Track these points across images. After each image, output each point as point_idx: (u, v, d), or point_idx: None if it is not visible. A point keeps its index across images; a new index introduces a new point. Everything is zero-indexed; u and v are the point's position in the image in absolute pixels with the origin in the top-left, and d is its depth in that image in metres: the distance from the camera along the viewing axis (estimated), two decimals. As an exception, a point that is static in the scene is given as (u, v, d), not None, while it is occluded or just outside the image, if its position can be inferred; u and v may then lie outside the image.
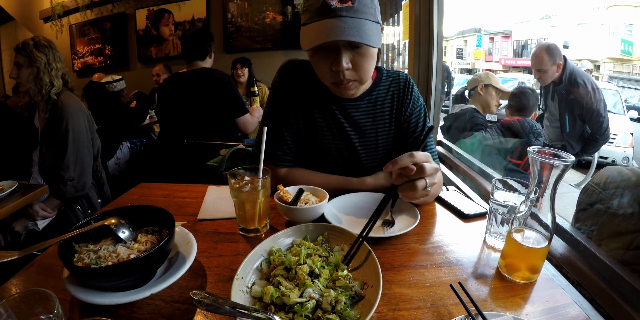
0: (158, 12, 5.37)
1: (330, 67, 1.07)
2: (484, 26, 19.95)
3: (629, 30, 5.93)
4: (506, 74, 13.41)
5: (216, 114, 2.34)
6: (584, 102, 2.67)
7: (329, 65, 1.07)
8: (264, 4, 5.03)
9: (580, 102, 2.68)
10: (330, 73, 1.09)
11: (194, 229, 1.02)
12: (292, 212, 1.02)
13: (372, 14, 1.05)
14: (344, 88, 1.13)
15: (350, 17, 1.00)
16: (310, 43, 1.02)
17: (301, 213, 1.01)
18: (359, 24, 1.00)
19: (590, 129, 2.78)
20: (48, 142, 2.06)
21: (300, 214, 1.01)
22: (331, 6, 1.00)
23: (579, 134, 2.81)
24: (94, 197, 2.23)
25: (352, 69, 1.07)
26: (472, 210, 1.13)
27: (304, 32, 1.07)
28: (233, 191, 0.94)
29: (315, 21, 1.02)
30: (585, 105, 2.67)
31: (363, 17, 1.02)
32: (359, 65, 1.07)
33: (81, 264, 0.72)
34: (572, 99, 2.72)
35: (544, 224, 0.78)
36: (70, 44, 5.89)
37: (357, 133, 1.28)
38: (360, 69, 1.08)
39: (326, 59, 1.07)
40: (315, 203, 1.03)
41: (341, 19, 0.99)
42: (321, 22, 1.01)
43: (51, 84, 2.03)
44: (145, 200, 1.25)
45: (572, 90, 2.71)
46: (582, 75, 2.70)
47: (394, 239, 0.97)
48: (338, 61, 1.04)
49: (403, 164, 0.83)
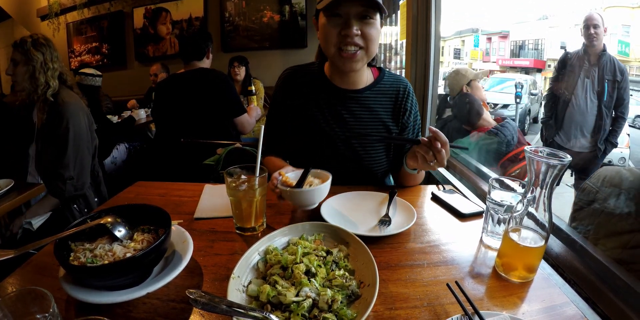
0: (155, 11, 5.36)
1: (340, 31, 1.14)
2: (481, 26, 19.95)
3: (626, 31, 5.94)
4: (503, 74, 13.41)
5: (214, 114, 2.33)
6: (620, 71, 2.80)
7: (337, 30, 1.14)
8: (262, 3, 5.03)
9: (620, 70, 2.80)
10: (338, 37, 1.15)
11: (190, 227, 1.01)
12: (298, 196, 1.01)
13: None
14: (349, 58, 1.18)
15: None
16: (322, 3, 1.12)
17: (307, 195, 1.01)
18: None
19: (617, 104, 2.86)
20: (46, 139, 2.03)
21: (306, 196, 1.01)
22: None
23: (611, 106, 2.87)
24: (91, 196, 2.21)
25: (360, 36, 1.14)
26: (469, 209, 1.13)
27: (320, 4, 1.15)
28: (229, 190, 0.94)
29: None
30: (622, 73, 2.79)
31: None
32: (367, 33, 1.14)
33: (77, 262, 0.72)
34: (614, 66, 2.81)
35: (540, 224, 0.78)
36: (67, 42, 5.86)
37: (354, 123, 1.33)
38: (368, 38, 1.15)
39: (336, 25, 1.14)
40: (318, 184, 1.04)
41: None
42: None
43: (47, 84, 1.99)
44: (142, 199, 1.25)
45: (613, 59, 2.82)
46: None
47: (391, 237, 0.97)
48: (348, 25, 1.12)
49: (441, 134, 1.03)
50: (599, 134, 2.92)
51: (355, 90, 1.33)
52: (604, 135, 2.93)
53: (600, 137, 2.92)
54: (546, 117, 3.23)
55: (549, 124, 3.19)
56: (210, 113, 2.31)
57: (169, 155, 2.34)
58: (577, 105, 2.94)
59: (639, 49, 5.20)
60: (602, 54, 2.81)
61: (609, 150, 3.00)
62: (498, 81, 7.74)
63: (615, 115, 2.88)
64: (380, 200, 1.18)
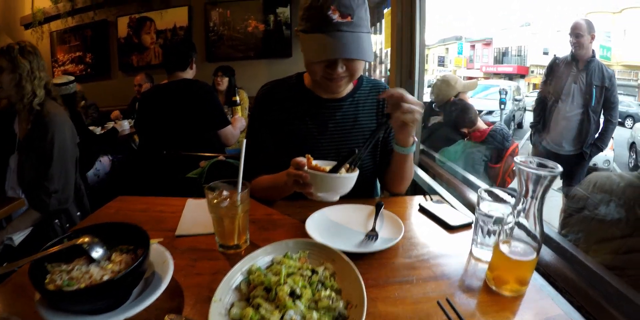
0: (140, 20, 5.32)
1: (325, 68, 1.15)
2: (465, 34, 20.32)
3: (607, 36, 6.10)
4: (487, 81, 13.62)
5: (197, 126, 2.29)
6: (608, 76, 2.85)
7: (322, 66, 1.15)
8: (246, 12, 5.02)
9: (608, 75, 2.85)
10: (324, 72, 1.16)
11: (172, 245, 0.98)
12: (334, 182, 0.99)
13: (366, 26, 1.14)
14: (335, 82, 1.19)
15: (349, 32, 1.08)
16: (312, 56, 1.12)
17: (343, 182, 0.99)
18: (357, 39, 1.09)
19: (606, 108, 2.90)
20: (30, 150, 1.97)
21: (342, 183, 0.99)
22: (332, 21, 1.06)
23: (599, 110, 2.92)
24: (73, 210, 2.16)
25: (345, 70, 1.16)
26: (458, 221, 1.11)
27: (304, 40, 1.15)
28: (211, 206, 0.91)
29: (316, 33, 1.09)
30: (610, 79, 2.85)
31: (359, 31, 1.10)
32: (352, 67, 1.16)
33: (53, 286, 0.69)
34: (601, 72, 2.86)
35: (532, 235, 0.76)
36: (50, 51, 5.77)
37: (341, 132, 1.34)
38: (353, 69, 1.17)
39: (321, 64, 1.15)
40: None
41: (341, 35, 1.07)
42: (322, 37, 1.08)
43: (33, 93, 1.94)
44: (123, 215, 1.21)
45: (601, 65, 2.88)
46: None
47: (379, 253, 0.94)
48: (334, 67, 1.13)
49: (391, 91, 1.07)
50: (585, 138, 2.96)
51: (337, 99, 1.33)
52: (590, 140, 2.98)
53: (587, 141, 2.97)
54: (535, 122, 3.28)
55: (537, 128, 3.23)
56: (193, 125, 2.27)
57: (152, 168, 2.29)
58: (564, 110, 2.99)
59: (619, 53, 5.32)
60: (591, 60, 2.86)
61: (594, 154, 3.06)
62: (482, 88, 7.84)
63: (605, 119, 2.93)
64: (367, 213, 1.15)
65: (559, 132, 3.05)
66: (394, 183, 1.37)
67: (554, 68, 3.08)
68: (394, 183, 1.37)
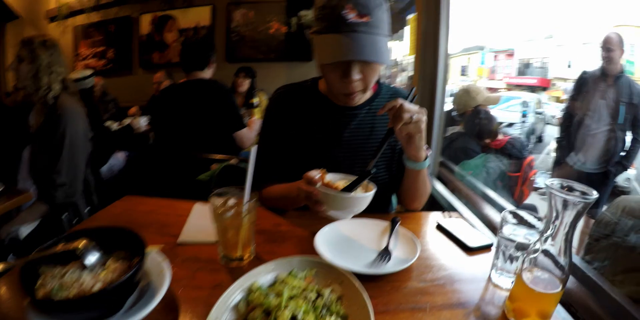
0: (162, 18, 5.34)
1: (341, 78, 1.07)
2: (488, 44, 20.12)
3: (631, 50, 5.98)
4: (509, 92, 13.43)
5: (213, 127, 2.26)
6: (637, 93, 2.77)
7: (338, 75, 1.07)
8: (269, 14, 5.00)
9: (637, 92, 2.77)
10: (340, 83, 1.09)
11: (173, 252, 0.93)
12: (348, 202, 0.94)
13: (385, 28, 1.06)
14: (351, 98, 1.15)
15: (366, 33, 1.00)
16: (325, 58, 1.03)
17: (358, 202, 0.94)
18: (374, 41, 1.01)
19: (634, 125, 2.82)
20: (42, 143, 1.99)
21: (356, 203, 0.94)
22: (347, 20, 0.99)
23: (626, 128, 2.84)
24: (82, 206, 2.16)
25: (361, 79, 1.08)
26: (477, 242, 1.04)
27: (317, 41, 1.07)
28: (215, 216, 0.86)
29: (330, 33, 1.02)
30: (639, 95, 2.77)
31: (377, 33, 1.02)
32: (367, 76, 1.08)
33: (42, 291, 0.66)
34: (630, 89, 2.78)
35: (559, 265, 0.69)
36: (73, 45, 5.85)
37: (356, 142, 1.27)
38: (367, 80, 1.10)
39: (337, 70, 1.07)
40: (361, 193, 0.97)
41: (357, 35, 0.99)
42: (336, 37, 1.00)
43: (49, 87, 1.97)
44: (127, 216, 1.18)
45: (630, 81, 2.80)
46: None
47: (391, 275, 0.88)
48: (349, 73, 1.05)
49: (389, 104, 1.01)
50: (611, 156, 2.86)
51: (354, 107, 1.26)
52: (615, 158, 2.88)
53: (612, 160, 2.87)
54: (560, 137, 3.19)
55: (562, 144, 3.14)
56: (208, 126, 2.24)
57: (163, 168, 2.27)
58: (590, 127, 2.89)
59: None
60: (620, 75, 2.77)
61: (619, 173, 2.97)
62: (504, 99, 7.70)
63: (632, 137, 2.84)
64: (382, 229, 1.08)
65: (584, 149, 2.96)
66: (408, 200, 1.30)
67: (582, 83, 2.99)
68: (408, 200, 1.30)
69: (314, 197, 0.94)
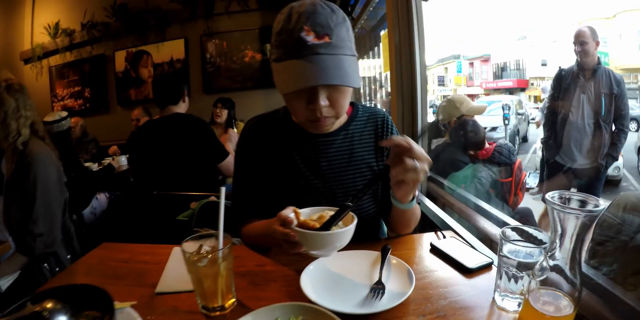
0: (137, 54, 5.35)
1: (306, 105, 1.00)
2: (463, 52, 20.53)
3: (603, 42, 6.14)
4: (488, 97, 13.61)
5: (195, 162, 2.20)
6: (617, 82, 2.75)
7: (304, 103, 1.00)
8: (242, 42, 5.04)
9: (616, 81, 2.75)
10: (306, 111, 1.01)
11: (150, 304, 0.86)
12: (326, 240, 0.85)
13: (349, 47, 0.98)
14: (320, 125, 1.06)
15: (328, 55, 0.93)
16: (286, 87, 0.96)
17: (337, 238, 0.85)
18: (338, 62, 0.94)
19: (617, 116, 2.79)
20: (14, 192, 1.90)
21: (335, 239, 0.86)
22: (307, 43, 0.92)
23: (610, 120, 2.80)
24: (63, 254, 2.07)
25: (329, 105, 1.00)
26: (476, 262, 0.98)
27: (277, 71, 1.00)
28: (188, 266, 0.79)
29: (290, 59, 0.95)
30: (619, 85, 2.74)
31: (341, 53, 0.95)
32: (336, 101, 1.01)
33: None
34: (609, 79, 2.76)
35: (570, 281, 0.64)
36: (50, 86, 5.82)
37: (335, 170, 1.19)
38: (337, 105, 1.02)
39: (301, 97, 1.00)
40: (341, 227, 0.89)
41: (319, 58, 0.92)
42: (297, 63, 0.93)
43: (18, 132, 1.89)
44: (103, 266, 1.11)
45: (609, 71, 2.79)
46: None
47: (386, 311, 0.80)
48: (315, 100, 0.97)
49: (397, 140, 0.88)
50: (599, 150, 2.85)
51: (329, 133, 1.19)
52: (604, 150, 2.86)
53: (601, 153, 2.85)
54: (546, 137, 3.15)
55: (549, 144, 3.11)
56: (190, 160, 2.19)
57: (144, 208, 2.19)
58: (575, 123, 2.89)
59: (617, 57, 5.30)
60: (597, 67, 2.77)
61: (610, 164, 2.93)
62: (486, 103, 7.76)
63: (616, 128, 2.81)
64: (372, 260, 1.01)
65: (571, 146, 2.95)
66: (398, 229, 1.23)
67: (560, 80, 2.99)
68: (397, 228, 1.23)
69: (291, 239, 0.86)
